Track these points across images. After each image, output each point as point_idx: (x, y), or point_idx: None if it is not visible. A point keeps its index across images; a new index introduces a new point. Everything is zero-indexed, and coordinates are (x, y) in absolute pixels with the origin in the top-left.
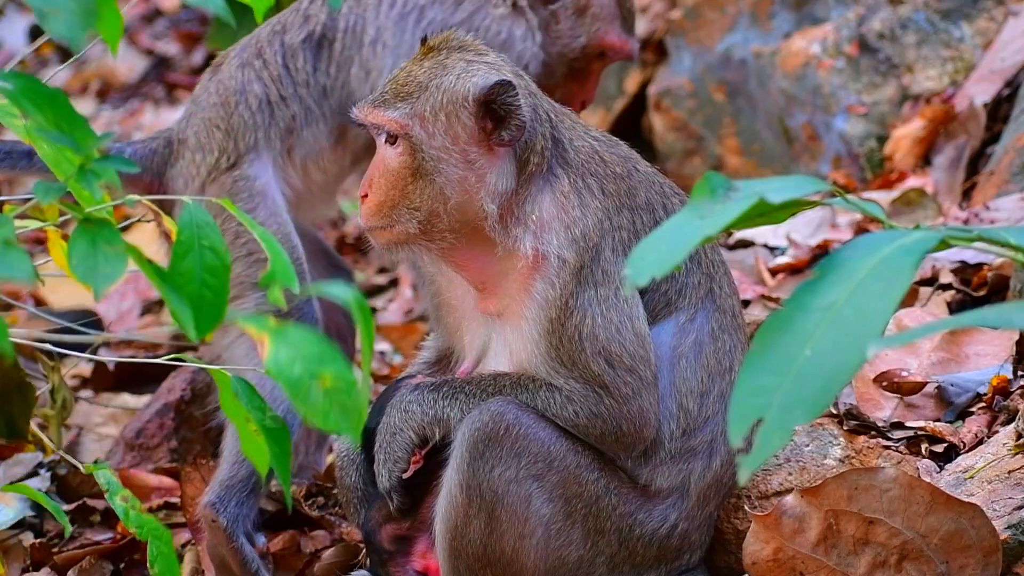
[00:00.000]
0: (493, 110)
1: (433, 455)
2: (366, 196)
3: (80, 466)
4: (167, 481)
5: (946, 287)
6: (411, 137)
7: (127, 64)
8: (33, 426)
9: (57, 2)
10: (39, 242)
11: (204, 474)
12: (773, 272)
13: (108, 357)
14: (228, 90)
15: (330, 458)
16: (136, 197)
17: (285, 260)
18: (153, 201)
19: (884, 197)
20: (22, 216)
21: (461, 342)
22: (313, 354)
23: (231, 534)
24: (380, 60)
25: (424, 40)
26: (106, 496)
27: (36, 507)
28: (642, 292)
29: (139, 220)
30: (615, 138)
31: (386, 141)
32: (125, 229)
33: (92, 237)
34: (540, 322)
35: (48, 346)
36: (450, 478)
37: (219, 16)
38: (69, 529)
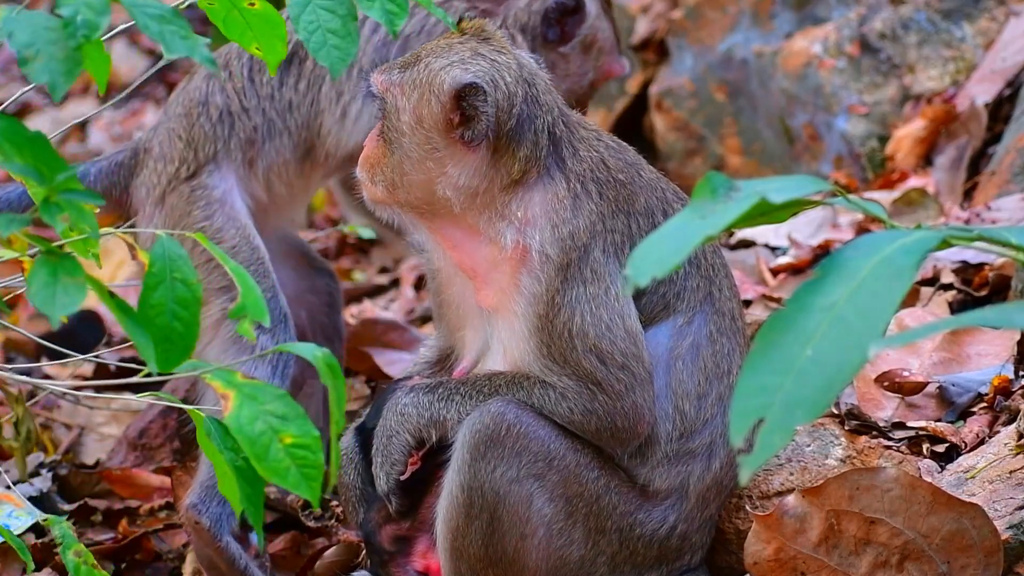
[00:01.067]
0: (463, 108)
1: (431, 456)
2: (362, 161)
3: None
4: (169, 481)
5: (947, 287)
6: (385, 102)
7: (128, 64)
8: (36, 426)
9: (40, 47)
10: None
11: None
12: (774, 272)
13: (109, 359)
14: (192, 100)
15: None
16: (110, 230)
17: (256, 293)
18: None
19: (885, 197)
20: None
21: (462, 340)
22: (277, 412)
23: (215, 534)
24: (354, 83)
25: (460, 21)
26: (59, 550)
27: (41, 501)
28: (639, 294)
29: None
30: (624, 144)
31: (381, 102)
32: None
33: (53, 268)
34: (529, 318)
35: (13, 376)
36: (451, 479)
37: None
38: (31, 565)
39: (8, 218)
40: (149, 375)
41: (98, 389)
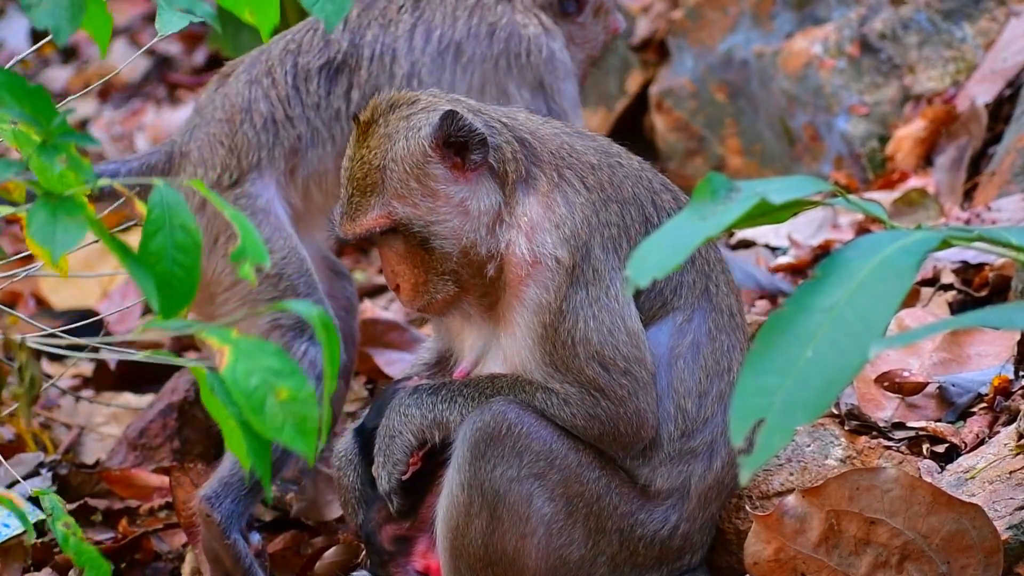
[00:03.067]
0: (452, 144)
1: (432, 456)
2: (398, 287)
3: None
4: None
5: (947, 287)
6: (399, 220)
7: (128, 64)
8: (36, 425)
9: None
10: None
11: (193, 477)
12: (775, 272)
13: (109, 355)
14: (234, 107)
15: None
16: (108, 180)
17: (256, 238)
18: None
19: (886, 197)
20: None
21: (461, 344)
22: (272, 367)
23: (225, 530)
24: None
25: (356, 118)
26: (48, 521)
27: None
28: (637, 292)
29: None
30: (590, 131)
31: (382, 235)
32: (126, 231)
33: (52, 208)
34: (534, 328)
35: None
36: (451, 478)
37: (220, 14)
38: (32, 535)
39: (5, 162)
40: (148, 381)
41: (100, 388)
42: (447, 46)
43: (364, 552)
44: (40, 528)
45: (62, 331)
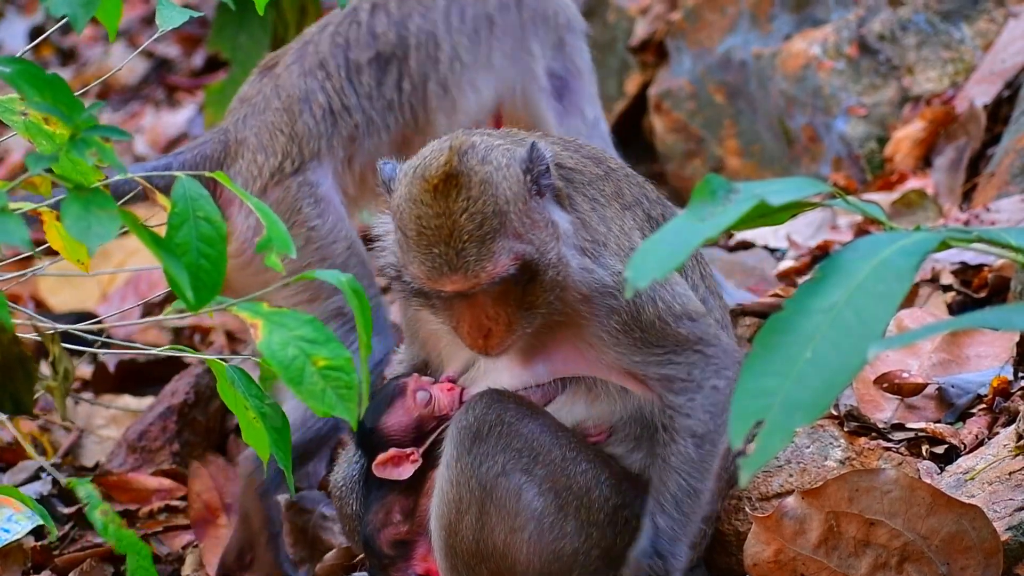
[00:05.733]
0: (535, 173)
1: (431, 455)
2: (488, 333)
3: (62, 480)
4: (167, 483)
5: (947, 288)
6: (525, 258)
7: (127, 66)
8: (35, 427)
9: None
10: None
11: (212, 472)
12: (779, 277)
13: (108, 354)
14: (291, 97)
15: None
16: (132, 174)
17: (281, 228)
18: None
19: (884, 198)
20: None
21: (438, 355)
22: (307, 336)
23: (263, 492)
24: (458, 77)
25: (434, 185)
26: (85, 509)
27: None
28: None
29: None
30: (574, 139)
31: (498, 284)
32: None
33: (85, 202)
34: (611, 333)
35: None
36: (441, 474)
37: (219, 16)
38: (55, 532)
39: (36, 156)
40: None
41: (100, 391)
42: (481, 22)
43: (363, 555)
44: (38, 531)
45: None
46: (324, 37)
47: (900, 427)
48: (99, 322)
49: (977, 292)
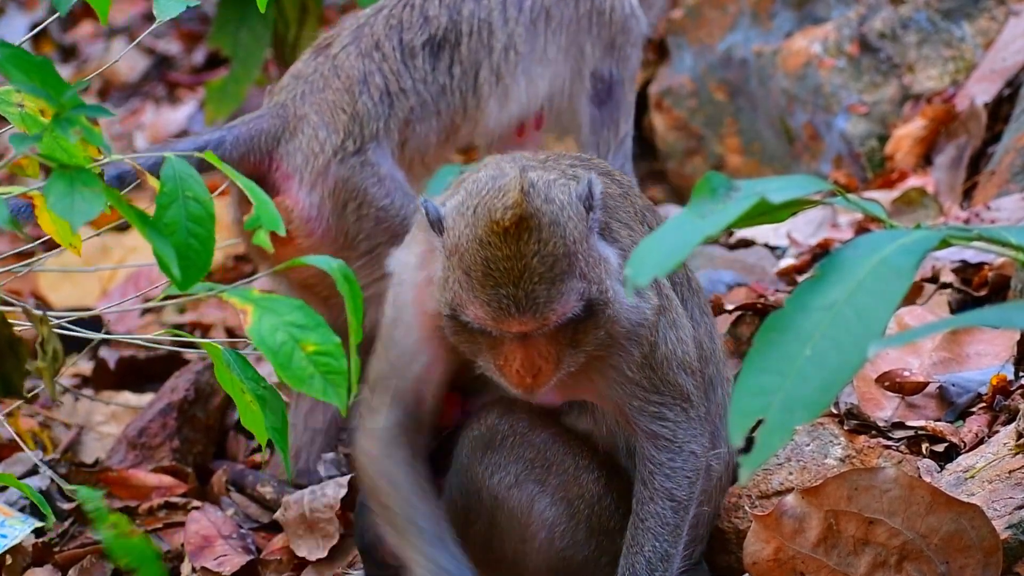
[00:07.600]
0: (589, 208)
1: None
2: (538, 372)
3: (62, 482)
4: (167, 480)
5: (947, 286)
6: (589, 298)
7: (128, 63)
8: (35, 424)
9: None
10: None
11: (207, 513)
12: (780, 275)
13: (108, 354)
14: (351, 77)
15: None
16: (120, 156)
17: (270, 206)
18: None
19: (885, 197)
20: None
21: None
22: (297, 321)
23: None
24: (513, 67)
25: (504, 228)
26: (93, 524)
27: (36, 507)
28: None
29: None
30: (585, 156)
31: (563, 324)
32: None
33: (69, 179)
34: (628, 366)
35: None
36: (450, 483)
37: (220, 12)
38: (51, 520)
39: (21, 136)
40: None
41: (100, 387)
42: (538, 13)
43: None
44: (38, 529)
45: (62, 330)
46: (379, 19)
47: (900, 425)
48: (92, 312)
49: (977, 290)
